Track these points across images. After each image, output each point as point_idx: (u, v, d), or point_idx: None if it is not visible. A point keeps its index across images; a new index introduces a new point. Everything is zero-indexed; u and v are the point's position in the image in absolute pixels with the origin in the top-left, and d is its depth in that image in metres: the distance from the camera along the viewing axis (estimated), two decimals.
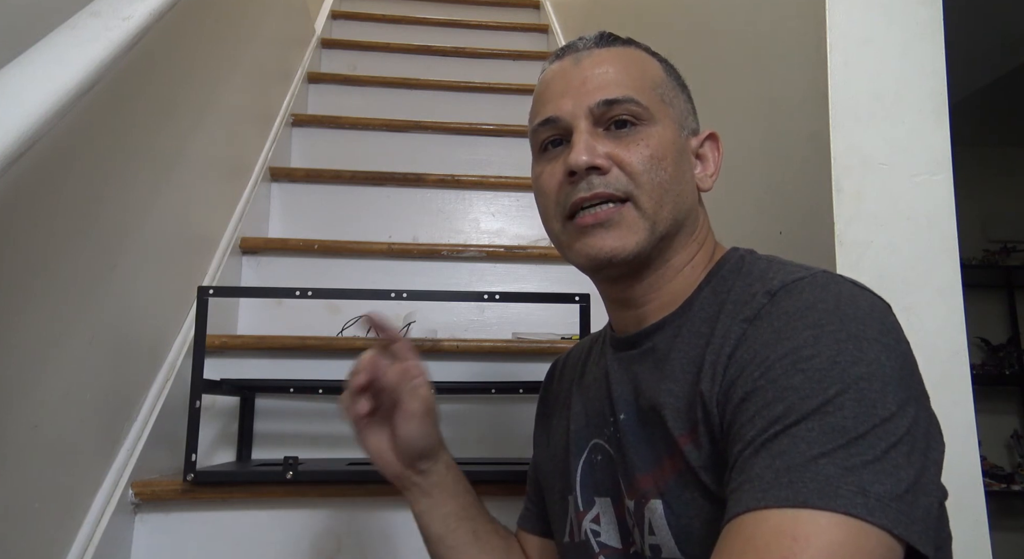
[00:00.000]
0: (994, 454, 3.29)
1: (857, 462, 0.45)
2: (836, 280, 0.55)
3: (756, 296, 0.56)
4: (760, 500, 0.45)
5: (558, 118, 0.65)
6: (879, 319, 0.52)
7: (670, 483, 0.58)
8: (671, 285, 0.65)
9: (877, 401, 0.47)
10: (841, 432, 0.46)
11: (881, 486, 0.44)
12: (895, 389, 0.48)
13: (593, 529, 0.67)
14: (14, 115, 0.69)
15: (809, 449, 0.46)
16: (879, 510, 0.43)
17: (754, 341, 0.53)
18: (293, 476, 1.00)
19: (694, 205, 0.67)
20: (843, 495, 0.44)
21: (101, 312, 0.99)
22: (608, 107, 0.64)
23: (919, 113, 0.84)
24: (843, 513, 0.43)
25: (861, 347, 0.49)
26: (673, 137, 0.65)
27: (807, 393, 0.48)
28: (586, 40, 0.69)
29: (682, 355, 0.60)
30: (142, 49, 0.98)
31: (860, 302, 0.53)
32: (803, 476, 0.45)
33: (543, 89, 0.69)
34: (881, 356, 0.49)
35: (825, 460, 0.45)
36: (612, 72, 0.65)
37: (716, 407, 0.54)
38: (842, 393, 0.47)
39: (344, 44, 2.66)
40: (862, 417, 0.46)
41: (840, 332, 0.50)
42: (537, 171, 0.68)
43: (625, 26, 1.95)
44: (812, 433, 0.46)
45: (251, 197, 1.68)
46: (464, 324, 1.62)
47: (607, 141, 0.64)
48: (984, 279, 3.40)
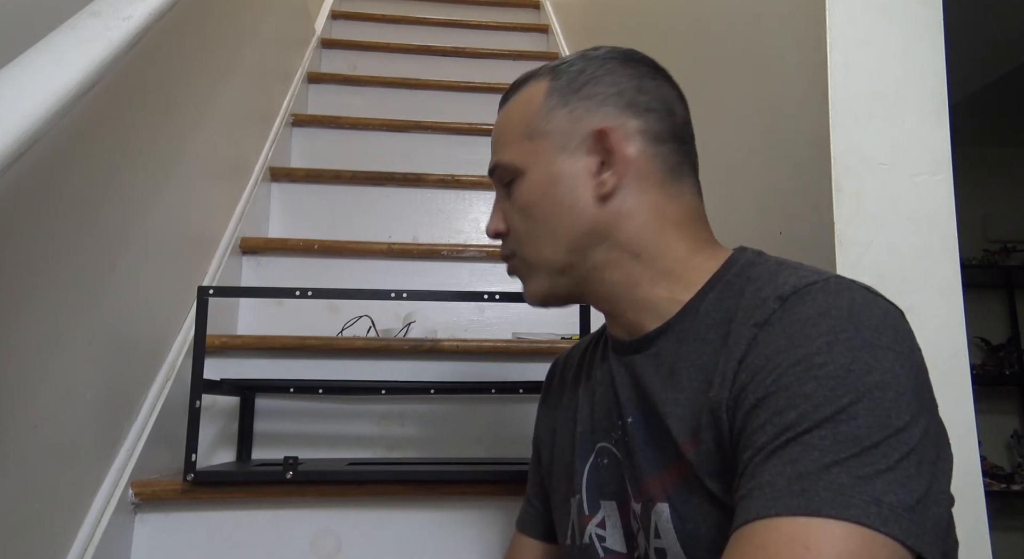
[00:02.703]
0: (994, 454, 3.29)
1: (870, 471, 0.44)
2: (849, 286, 0.54)
3: (767, 301, 0.55)
4: (771, 508, 0.45)
5: None
6: (893, 326, 0.51)
7: (677, 487, 0.57)
8: (635, 293, 0.65)
9: (891, 410, 0.47)
10: (855, 441, 0.45)
11: (894, 496, 0.44)
12: (909, 399, 0.48)
13: (598, 534, 0.66)
14: (14, 115, 0.69)
15: (822, 457, 0.45)
16: (892, 520, 0.43)
17: (765, 346, 0.52)
18: (293, 476, 1.00)
19: (592, 221, 0.64)
20: (856, 504, 0.43)
21: (101, 312, 0.99)
22: (492, 177, 0.71)
23: (919, 113, 0.84)
24: (856, 523, 0.43)
25: (876, 355, 0.49)
26: (543, 174, 0.66)
27: (820, 401, 0.47)
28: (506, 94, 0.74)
29: (689, 363, 0.59)
30: (142, 49, 0.98)
31: (874, 309, 0.52)
32: (816, 484, 0.44)
33: None
34: (895, 365, 0.49)
35: (838, 469, 0.44)
36: (495, 135, 0.72)
37: (726, 413, 0.53)
38: (856, 402, 0.47)
39: (344, 44, 2.66)
40: (876, 426, 0.46)
41: (854, 339, 0.49)
42: None
43: (624, 27, 1.95)
44: (825, 441, 0.46)
45: (251, 197, 1.68)
46: (464, 324, 1.62)
47: (506, 202, 0.70)
48: (984, 279, 3.39)
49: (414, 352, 1.32)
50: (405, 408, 1.31)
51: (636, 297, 0.65)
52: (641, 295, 0.64)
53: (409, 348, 1.32)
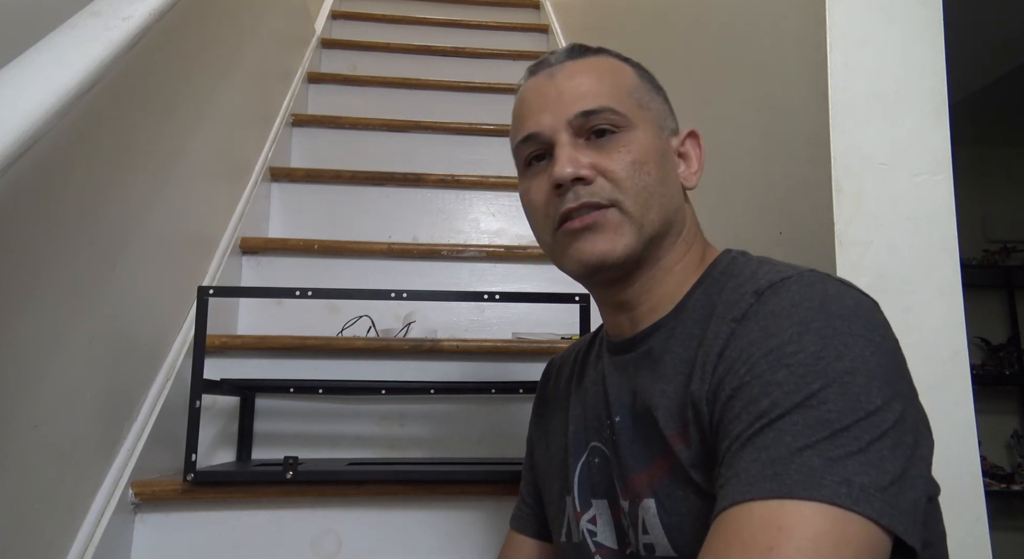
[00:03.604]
0: (994, 454, 3.29)
1: (841, 453, 0.45)
2: (823, 279, 0.55)
3: (745, 296, 0.57)
4: (746, 493, 0.46)
5: (539, 133, 0.66)
6: (865, 316, 0.52)
7: (663, 482, 0.58)
8: (662, 286, 0.66)
9: (861, 395, 0.48)
10: (825, 424, 0.46)
11: (866, 477, 0.45)
12: (880, 384, 0.49)
13: (590, 529, 0.67)
14: (14, 115, 0.69)
15: (794, 441, 0.46)
16: (863, 500, 0.44)
17: (741, 339, 0.54)
18: (293, 476, 1.00)
19: (681, 205, 0.68)
20: (827, 485, 0.44)
21: (101, 312, 0.99)
22: (586, 118, 0.64)
23: (919, 113, 0.84)
24: (827, 503, 0.44)
25: (846, 342, 0.50)
26: (653, 140, 0.66)
27: (791, 388, 0.48)
28: (558, 54, 0.70)
29: (674, 356, 0.61)
30: (142, 49, 0.98)
31: (846, 300, 0.53)
32: (788, 468, 0.45)
33: (520, 107, 0.70)
34: (866, 352, 0.50)
35: (809, 452, 0.46)
36: (587, 83, 0.66)
37: (706, 406, 0.55)
38: (826, 387, 0.48)
39: (344, 44, 2.66)
40: (846, 410, 0.47)
41: (825, 328, 0.51)
42: (524, 187, 0.69)
43: (624, 26, 1.95)
44: (796, 426, 0.47)
45: (251, 197, 1.68)
46: (464, 324, 1.62)
47: (589, 151, 0.64)
48: (984, 279, 3.39)
49: (414, 352, 1.32)
50: (405, 408, 1.31)
51: (662, 290, 0.66)
52: (665, 289, 0.66)
53: (409, 348, 1.32)
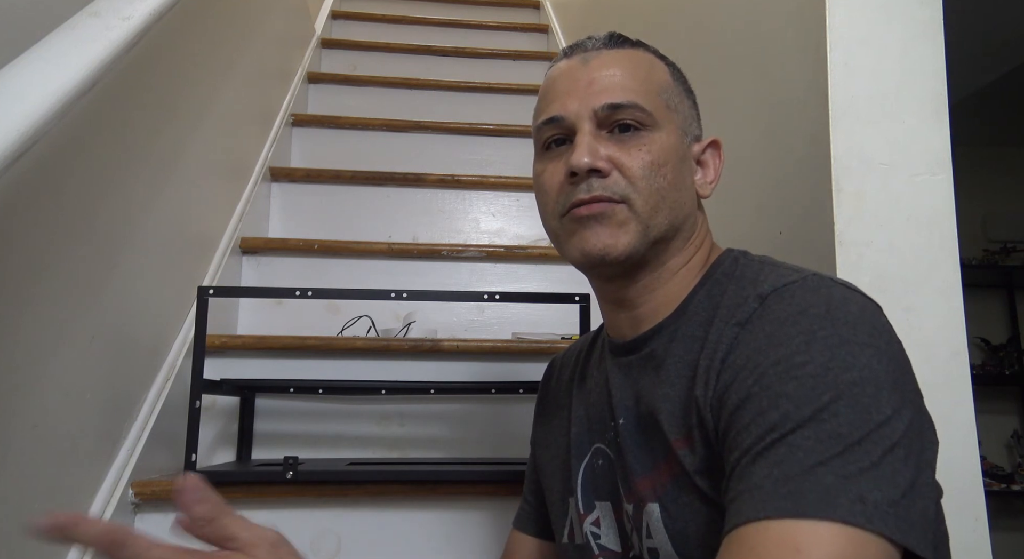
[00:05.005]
0: (994, 454, 3.29)
1: (854, 469, 0.45)
2: (826, 283, 0.55)
3: (748, 300, 0.56)
4: (761, 510, 0.45)
5: (562, 117, 0.65)
6: (870, 322, 0.52)
7: (667, 487, 0.58)
8: (666, 287, 0.65)
9: (871, 406, 0.47)
10: (837, 439, 0.46)
11: (879, 492, 0.45)
12: (888, 393, 0.49)
13: (593, 531, 0.67)
14: (14, 115, 0.69)
15: (807, 458, 0.46)
16: (877, 517, 0.44)
17: (746, 346, 0.54)
18: (293, 476, 1.00)
19: (693, 210, 0.67)
20: (842, 504, 0.44)
21: (101, 312, 0.99)
22: (613, 111, 0.63)
23: (919, 113, 0.84)
24: (843, 523, 0.43)
25: (853, 352, 0.50)
26: (675, 143, 0.65)
27: (801, 401, 0.48)
28: (595, 40, 0.68)
29: (677, 359, 0.60)
30: (142, 49, 0.98)
31: (850, 305, 0.53)
32: (802, 486, 0.45)
33: (549, 87, 0.68)
34: (872, 360, 0.50)
35: (823, 469, 0.45)
36: (619, 75, 0.65)
37: (710, 412, 0.54)
38: (836, 400, 0.47)
39: (344, 44, 2.66)
40: (857, 423, 0.47)
41: (832, 337, 0.50)
42: (539, 169, 0.68)
43: (625, 26, 1.95)
44: (808, 441, 0.46)
45: (251, 197, 1.68)
46: (464, 324, 1.62)
47: (609, 144, 0.63)
48: (984, 279, 3.39)
49: (414, 352, 1.32)
50: (405, 408, 1.31)
51: (665, 291, 0.65)
52: (667, 291, 0.65)
53: (409, 348, 1.32)
